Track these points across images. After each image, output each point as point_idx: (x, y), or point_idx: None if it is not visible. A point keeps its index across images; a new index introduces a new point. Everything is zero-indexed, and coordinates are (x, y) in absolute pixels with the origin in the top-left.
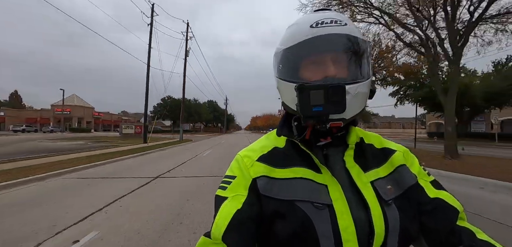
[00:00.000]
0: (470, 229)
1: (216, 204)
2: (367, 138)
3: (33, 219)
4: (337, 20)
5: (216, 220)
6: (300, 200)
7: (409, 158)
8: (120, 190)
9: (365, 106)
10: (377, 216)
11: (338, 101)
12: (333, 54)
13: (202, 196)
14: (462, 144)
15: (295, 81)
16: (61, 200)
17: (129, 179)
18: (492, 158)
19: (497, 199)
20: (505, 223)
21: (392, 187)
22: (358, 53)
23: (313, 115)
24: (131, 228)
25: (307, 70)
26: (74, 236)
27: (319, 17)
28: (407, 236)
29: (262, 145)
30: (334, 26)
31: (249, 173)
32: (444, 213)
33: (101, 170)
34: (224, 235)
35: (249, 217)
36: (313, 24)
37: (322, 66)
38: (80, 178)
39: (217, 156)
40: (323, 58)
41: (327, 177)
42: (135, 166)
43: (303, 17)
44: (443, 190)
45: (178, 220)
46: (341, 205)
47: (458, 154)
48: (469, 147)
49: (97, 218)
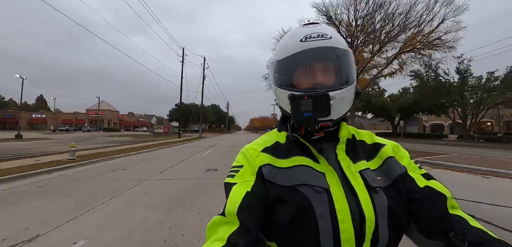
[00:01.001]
0: (463, 217)
1: (226, 190)
2: (359, 135)
3: (157, 163)
4: (323, 34)
5: (229, 199)
6: (301, 184)
7: (399, 152)
8: (177, 159)
9: (351, 106)
10: (366, 202)
11: (324, 108)
12: (320, 65)
13: (223, 158)
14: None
15: (289, 89)
16: (157, 160)
17: (181, 155)
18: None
19: None
20: None
21: (381, 178)
22: (342, 62)
23: (304, 120)
24: (189, 172)
25: (298, 78)
26: (174, 169)
27: (307, 31)
28: (397, 222)
29: (264, 140)
30: (320, 40)
31: (255, 162)
32: (433, 200)
33: (163, 151)
34: (238, 211)
35: (258, 198)
36: (302, 39)
37: (311, 75)
38: (154, 151)
39: (227, 145)
40: (311, 68)
41: (324, 165)
42: (180, 149)
43: (294, 31)
44: (434, 180)
45: (213, 168)
46: (337, 190)
47: None
48: (403, 142)
49: (175, 166)
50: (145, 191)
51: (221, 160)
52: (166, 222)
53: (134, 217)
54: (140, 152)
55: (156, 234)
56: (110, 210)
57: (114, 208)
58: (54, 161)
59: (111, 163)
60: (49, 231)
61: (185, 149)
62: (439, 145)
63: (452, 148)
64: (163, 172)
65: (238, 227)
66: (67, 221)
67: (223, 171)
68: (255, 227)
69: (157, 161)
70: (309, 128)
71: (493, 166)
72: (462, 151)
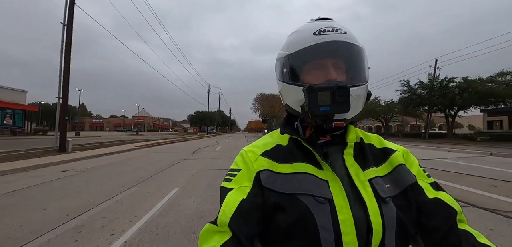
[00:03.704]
0: (471, 232)
1: (221, 195)
2: (367, 138)
3: (205, 142)
4: (338, 28)
5: (222, 208)
6: (302, 193)
7: (409, 159)
8: (213, 141)
9: (363, 109)
10: (374, 213)
11: (343, 102)
12: (334, 60)
13: (236, 139)
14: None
15: (300, 84)
16: (206, 142)
17: (211, 141)
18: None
19: None
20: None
21: (390, 185)
22: (357, 59)
23: (321, 114)
24: (225, 144)
25: (310, 74)
26: (221, 143)
27: (321, 25)
28: (405, 233)
29: (265, 142)
30: (335, 34)
31: (253, 166)
32: (442, 213)
33: (204, 141)
34: (230, 222)
35: (254, 207)
36: (316, 32)
37: (324, 70)
38: (202, 140)
39: (233, 137)
40: (325, 63)
41: (328, 173)
42: (209, 140)
43: (306, 25)
44: (443, 191)
45: (235, 148)
46: (341, 200)
47: None
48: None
49: (218, 145)
50: (217, 148)
51: (235, 139)
52: (225, 163)
53: (214, 164)
54: (196, 139)
55: (217, 179)
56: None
57: (200, 166)
58: (171, 139)
59: (185, 143)
60: (155, 174)
61: (216, 137)
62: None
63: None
64: (219, 142)
65: (230, 238)
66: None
67: (239, 141)
68: (248, 237)
69: (210, 141)
70: (325, 125)
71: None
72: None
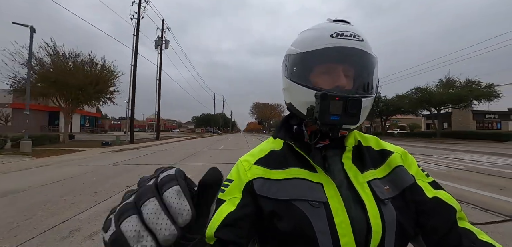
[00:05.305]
0: (471, 230)
1: (216, 207)
2: (365, 140)
3: (215, 138)
4: (355, 34)
5: (210, 223)
6: (297, 199)
7: (407, 159)
8: (222, 138)
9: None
10: (374, 214)
11: (354, 114)
12: (347, 67)
13: (237, 139)
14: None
15: (310, 86)
16: (216, 138)
17: (219, 137)
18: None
19: None
20: None
21: (389, 187)
22: (370, 69)
23: (330, 123)
24: (231, 140)
25: (320, 77)
26: (227, 140)
27: (339, 28)
28: (405, 234)
29: (261, 148)
30: (352, 40)
31: (246, 176)
32: (442, 212)
33: (214, 138)
34: (216, 232)
35: (241, 218)
36: (333, 35)
37: (335, 75)
38: (212, 138)
39: (236, 136)
40: (337, 68)
41: (322, 176)
42: (219, 137)
43: (323, 25)
44: (442, 189)
45: (238, 145)
46: (336, 202)
47: None
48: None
49: (229, 139)
50: (223, 145)
51: (237, 137)
52: (234, 152)
53: (230, 144)
54: (206, 137)
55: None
56: (211, 153)
57: (213, 153)
58: (189, 137)
59: (201, 139)
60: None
61: (221, 136)
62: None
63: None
64: (228, 139)
65: (216, 241)
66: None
67: (240, 139)
68: (236, 244)
69: (219, 137)
70: (331, 134)
71: None
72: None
